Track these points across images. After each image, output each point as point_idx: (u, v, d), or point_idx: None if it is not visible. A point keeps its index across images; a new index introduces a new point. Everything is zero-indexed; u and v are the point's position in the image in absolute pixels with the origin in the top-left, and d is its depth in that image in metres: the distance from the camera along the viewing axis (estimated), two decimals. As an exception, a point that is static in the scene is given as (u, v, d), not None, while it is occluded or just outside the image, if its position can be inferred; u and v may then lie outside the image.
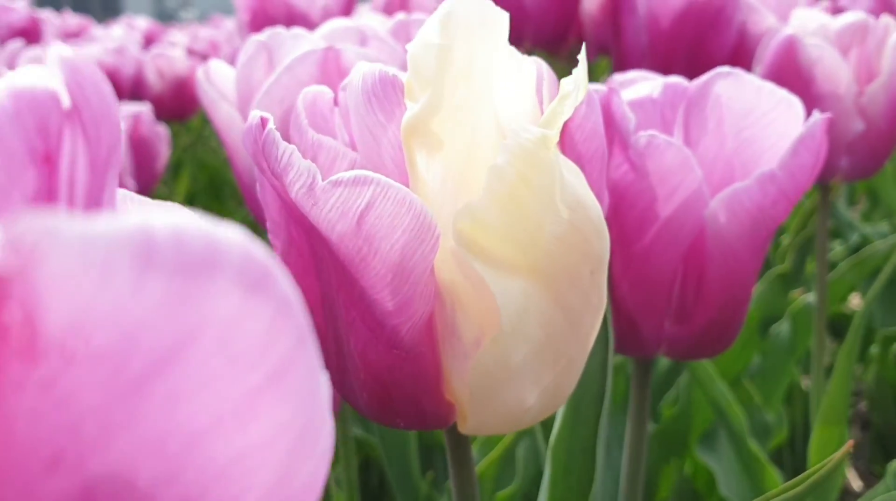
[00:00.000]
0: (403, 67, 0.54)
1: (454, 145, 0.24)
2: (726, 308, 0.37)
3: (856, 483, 0.92)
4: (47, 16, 1.84)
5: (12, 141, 0.10)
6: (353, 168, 0.26)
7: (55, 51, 0.11)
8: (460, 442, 0.29)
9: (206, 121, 1.70)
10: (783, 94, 0.35)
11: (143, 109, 0.92)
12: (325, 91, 0.30)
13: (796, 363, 0.75)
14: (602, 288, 0.26)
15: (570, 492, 0.38)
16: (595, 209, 0.25)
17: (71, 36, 1.77)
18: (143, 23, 2.20)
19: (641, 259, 0.36)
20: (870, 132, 0.52)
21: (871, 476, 0.94)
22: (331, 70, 0.46)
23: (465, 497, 0.29)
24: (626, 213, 0.36)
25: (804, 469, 0.87)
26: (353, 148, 0.29)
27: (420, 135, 0.25)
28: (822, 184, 0.58)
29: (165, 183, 1.36)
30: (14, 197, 0.10)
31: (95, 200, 0.11)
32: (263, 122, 0.25)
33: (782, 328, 0.72)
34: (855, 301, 0.99)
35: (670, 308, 0.37)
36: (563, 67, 1.35)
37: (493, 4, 0.25)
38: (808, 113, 0.50)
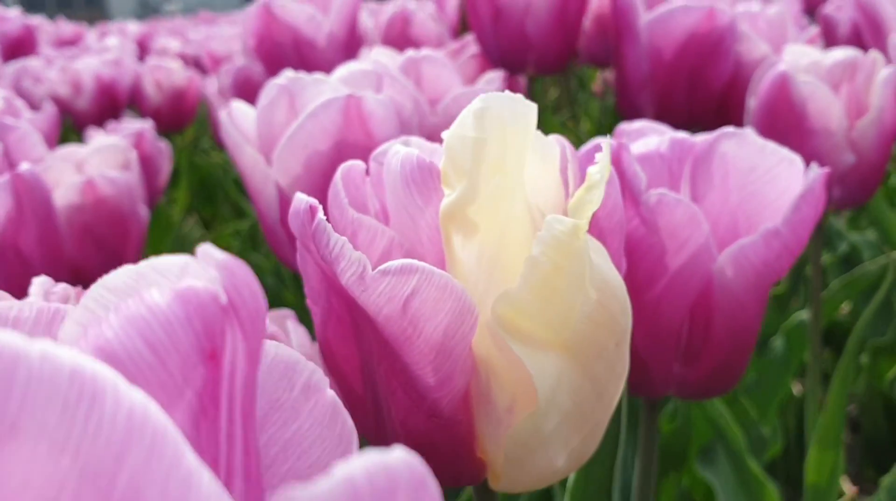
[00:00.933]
0: (414, 103, 0.56)
1: (488, 230, 0.26)
2: (733, 353, 0.39)
3: (847, 487, 0.95)
4: (40, 22, 1.84)
5: (185, 346, 0.12)
6: (391, 245, 0.28)
7: (206, 251, 0.13)
8: (489, 497, 0.31)
9: (201, 128, 1.71)
10: (785, 152, 0.37)
11: (146, 126, 0.94)
12: (359, 164, 0.32)
13: (791, 378, 0.77)
14: (625, 357, 0.28)
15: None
16: (620, 287, 0.27)
17: (65, 44, 1.77)
18: (133, 27, 2.20)
19: (652, 307, 0.38)
20: (860, 164, 0.55)
21: (861, 480, 0.97)
22: (352, 116, 0.48)
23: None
24: (637, 264, 0.38)
25: (798, 477, 0.90)
26: (385, 216, 0.31)
27: (457, 221, 0.26)
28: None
29: (165, 191, 1.37)
30: (187, 395, 0.12)
31: (252, 380, 0.13)
32: (313, 210, 0.27)
33: (777, 343, 0.75)
34: (846, 309, 1.02)
35: (679, 353, 0.40)
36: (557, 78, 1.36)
37: (523, 98, 0.27)
38: (801, 146, 0.52)
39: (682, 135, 0.39)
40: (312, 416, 0.16)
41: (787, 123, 0.55)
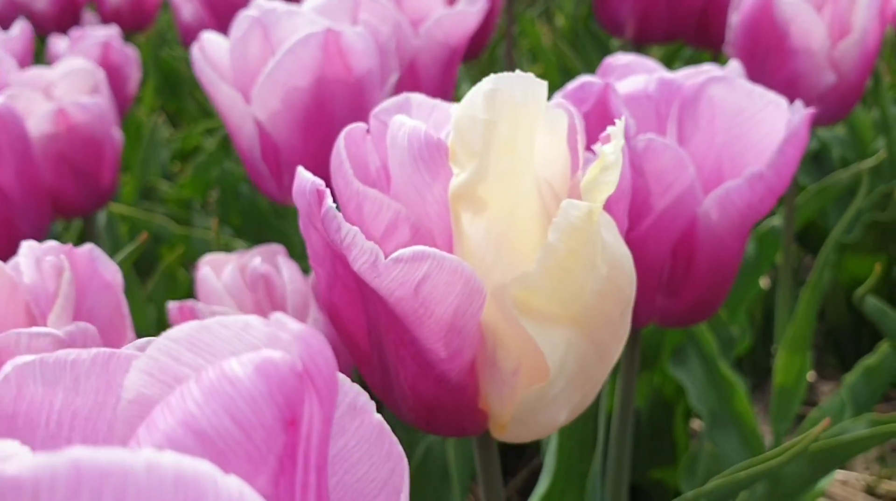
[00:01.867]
0: (394, 26, 0.55)
1: (498, 208, 0.27)
2: (713, 287, 0.41)
3: (809, 374, 1.00)
4: None
5: (269, 419, 0.13)
6: (397, 218, 0.29)
7: (280, 320, 0.14)
8: (488, 444, 0.33)
9: (164, 22, 1.66)
10: (772, 96, 0.37)
11: (111, 33, 0.91)
12: (360, 127, 0.32)
13: (760, 279, 0.80)
14: (628, 322, 0.29)
15: (574, 445, 0.43)
16: (627, 260, 0.28)
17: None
18: None
19: (637, 245, 0.39)
20: (841, 84, 0.55)
21: (822, 366, 1.02)
22: (332, 51, 0.47)
23: (492, 491, 0.33)
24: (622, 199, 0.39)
25: (763, 364, 0.94)
26: (387, 174, 0.32)
27: (466, 200, 0.27)
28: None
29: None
30: (269, 461, 0.13)
31: (325, 438, 0.14)
32: (320, 194, 0.27)
33: (748, 248, 0.77)
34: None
35: (661, 286, 0.41)
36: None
37: (533, 77, 0.27)
38: (783, 66, 0.52)
39: (669, 75, 0.39)
40: (359, 434, 0.17)
41: (769, 43, 0.55)
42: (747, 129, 0.38)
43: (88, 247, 0.34)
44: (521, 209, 0.27)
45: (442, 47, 0.57)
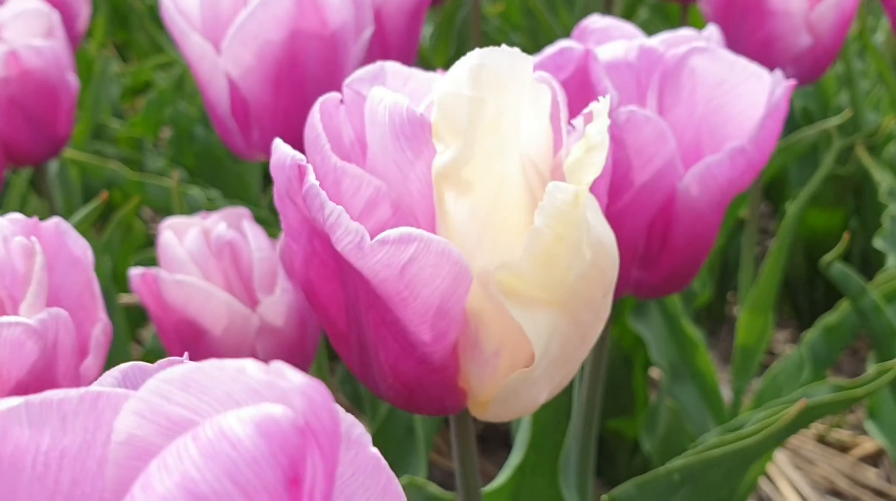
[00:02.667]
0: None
1: (482, 188, 0.26)
2: (688, 259, 0.40)
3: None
4: None
5: (271, 480, 0.12)
6: (377, 194, 0.28)
7: (281, 370, 0.13)
8: (465, 421, 0.32)
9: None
10: (754, 68, 0.37)
11: (58, -32, 0.87)
12: (334, 97, 0.31)
13: (721, 235, 0.80)
14: (609, 302, 0.29)
15: (548, 417, 0.43)
16: (611, 241, 0.27)
17: None
18: None
19: (616, 219, 0.39)
20: (816, 47, 0.55)
21: (778, 314, 1.03)
22: (307, 4, 0.45)
23: (467, 468, 0.33)
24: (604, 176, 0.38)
25: (719, 312, 0.95)
26: (362, 146, 0.31)
27: (451, 179, 0.26)
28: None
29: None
30: (272, 522, 0.12)
31: (328, 492, 0.13)
32: (301, 169, 0.26)
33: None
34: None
35: (637, 258, 0.41)
36: None
37: (519, 52, 0.26)
38: (760, 26, 0.52)
39: (649, 42, 0.38)
40: (354, 465, 0.16)
41: (747, 2, 0.54)
42: (728, 100, 0.37)
43: (55, 221, 0.32)
44: (506, 189, 0.26)
45: (410, -1, 0.56)
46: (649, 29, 1.09)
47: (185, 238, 0.43)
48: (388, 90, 0.28)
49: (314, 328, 0.45)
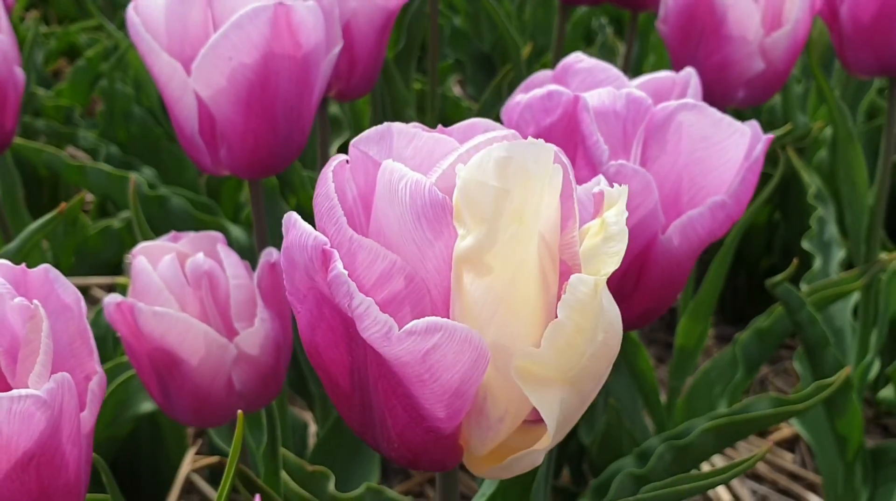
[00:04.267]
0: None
1: (501, 271, 0.27)
2: (660, 298, 0.42)
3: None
4: None
5: None
6: (392, 268, 0.28)
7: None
8: (453, 480, 0.33)
9: None
10: (738, 125, 0.38)
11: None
12: (342, 159, 0.31)
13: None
14: (609, 369, 0.30)
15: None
16: (618, 320, 0.29)
17: None
18: None
19: (596, 259, 0.40)
20: (768, 72, 0.57)
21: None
22: (281, 26, 0.45)
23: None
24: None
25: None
26: (365, 202, 0.31)
27: (472, 263, 0.27)
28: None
29: None
30: None
31: None
32: (326, 255, 0.26)
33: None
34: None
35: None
36: None
37: (544, 143, 0.26)
38: (716, 51, 0.53)
39: (638, 94, 0.39)
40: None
41: (705, 26, 0.55)
42: (711, 153, 0.39)
43: (44, 268, 0.31)
44: (523, 272, 0.27)
45: (380, 10, 0.55)
46: (604, 32, 1.10)
47: (158, 265, 0.43)
48: (403, 165, 0.28)
49: (287, 353, 0.46)
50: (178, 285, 0.42)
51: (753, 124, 0.40)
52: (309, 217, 0.77)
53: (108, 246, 0.99)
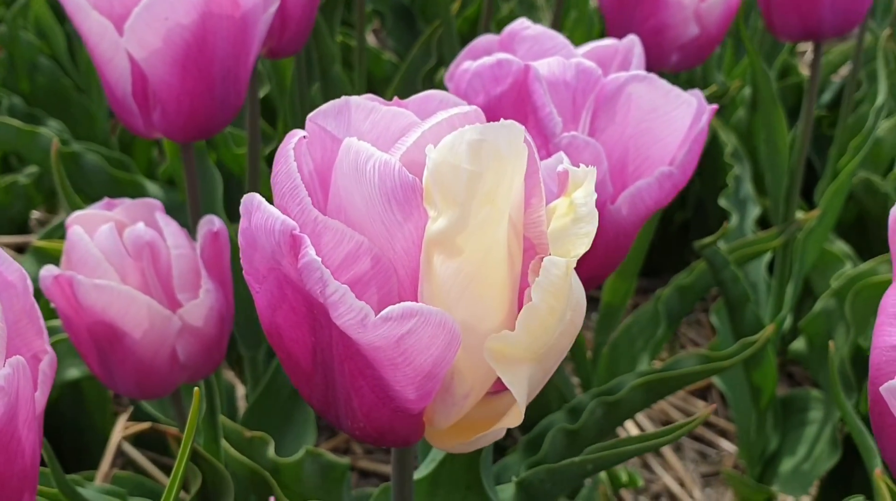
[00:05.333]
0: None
1: (472, 253, 0.27)
2: (605, 264, 0.43)
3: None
4: None
5: None
6: (358, 249, 0.28)
7: None
8: (408, 456, 0.34)
9: None
10: (686, 96, 0.39)
11: None
12: (300, 134, 0.30)
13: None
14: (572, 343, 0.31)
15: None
16: (582, 296, 0.29)
17: None
18: None
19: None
20: (702, 37, 0.57)
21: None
22: (219, -12, 0.43)
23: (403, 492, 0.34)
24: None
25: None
26: (322, 179, 0.31)
27: (443, 245, 0.27)
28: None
29: None
30: None
31: None
32: (296, 240, 0.25)
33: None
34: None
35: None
36: None
37: (515, 125, 0.26)
38: (652, 15, 0.54)
39: (588, 64, 0.39)
40: None
41: (641, -8, 0.56)
42: (658, 124, 0.39)
43: (-16, 247, 0.30)
44: (493, 254, 0.27)
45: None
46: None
47: (95, 235, 0.41)
48: (368, 144, 0.28)
49: (230, 324, 0.45)
50: (117, 257, 0.41)
51: (698, 94, 0.40)
52: (228, 174, 0.75)
53: (14, 203, 0.95)
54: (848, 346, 0.69)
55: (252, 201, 0.27)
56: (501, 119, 0.29)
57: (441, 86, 0.86)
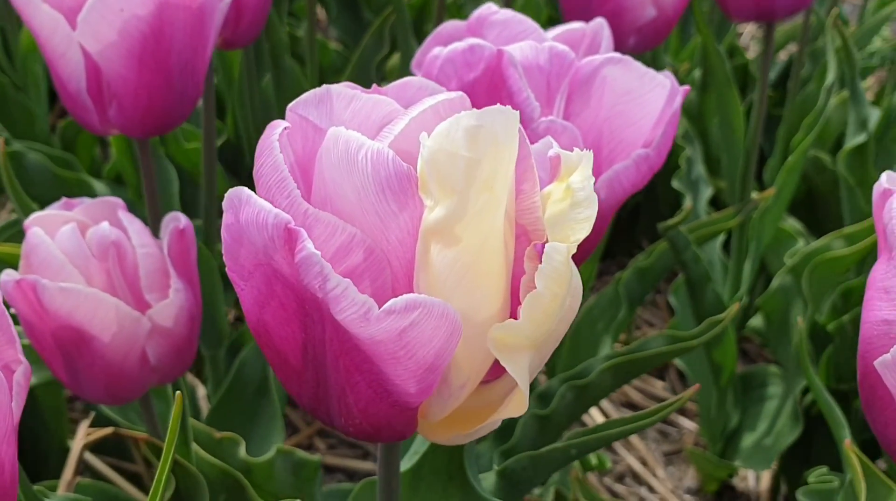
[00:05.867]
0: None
1: (470, 241, 0.26)
2: (584, 246, 0.42)
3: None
4: None
5: None
6: (351, 241, 0.27)
7: None
8: (395, 451, 0.33)
9: None
10: (661, 78, 0.39)
11: None
12: (283, 124, 0.29)
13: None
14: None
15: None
16: (579, 282, 0.29)
17: None
18: None
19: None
20: (659, 19, 0.58)
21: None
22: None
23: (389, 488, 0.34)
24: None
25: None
26: (303, 169, 0.30)
27: (441, 234, 0.26)
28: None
29: None
30: None
31: None
32: (292, 234, 0.24)
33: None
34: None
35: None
36: None
37: (510, 110, 0.25)
38: (610, 1, 0.54)
39: (561, 47, 0.39)
40: None
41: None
42: (632, 107, 0.39)
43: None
44: (490, 242, 0.27)
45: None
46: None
47: (57, 236, 0.40)
48: (358, 133, 0.27)
49: (199, 323, 0.44)
50: (81, 258, 0.39)
51: (670, 76, 0.40)
52: (179, 170, 0.73)
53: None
54: (806, 321, 0.70)
55: (240, 195, 0.26)
56: (473, 106, 0.29)
57: (394, 74, 0.85)
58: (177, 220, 0.42)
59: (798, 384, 0.71)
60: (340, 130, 0.27)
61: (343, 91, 0.31)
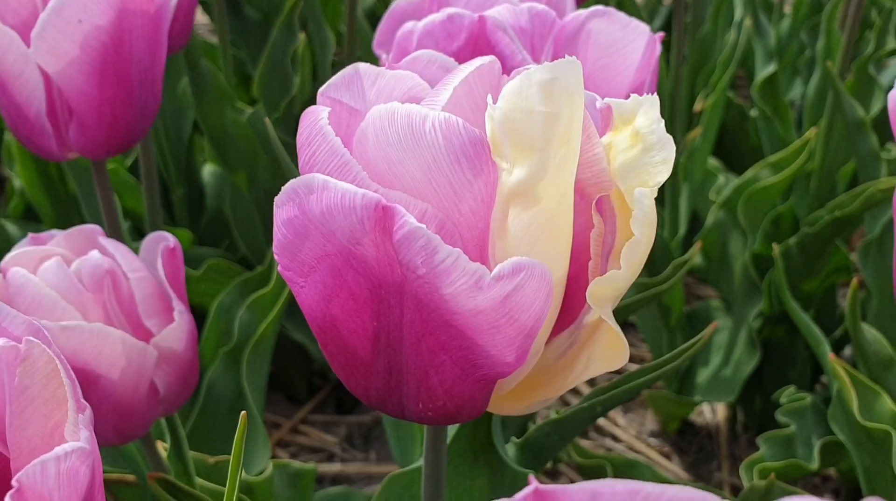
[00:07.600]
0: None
1: (549, 199, 0.26)
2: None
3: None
4: None
5: None
6: (424, 217, 0.26)
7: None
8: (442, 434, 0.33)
9: None
10: (643, 27, 0.39)
11: None
12: (317, 108, 0.28)
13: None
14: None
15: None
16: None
17: None
18: None
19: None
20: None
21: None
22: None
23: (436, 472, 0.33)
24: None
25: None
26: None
27: (521, 197, 0.25)
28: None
29: None
30: None
31: None
32: (388, 212, 0.23)
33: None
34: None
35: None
36: None
37: (577, 61, 0.25)
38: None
39: (539, 7, 0.39)
40: None
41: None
42: (616, 59, 0.39)
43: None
44: (566, 198, 0.26)
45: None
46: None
47: (40, 273, 0.37)
48: (363, 91, 0.26)
49: (197, 345, 0.42)
50: (73, 292, 0.37)
51: (644, 25, 0.41)
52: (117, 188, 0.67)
53: None
54: (748, 252, 0.73)
55: (312, 182, 0.25)
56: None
57: (305, 63, 0.82)
58: (165, 239, 0.40)
59: (749, 314, 0.74)
60: (395, 105, 0.26)
61: (369, 69, 0.30)
